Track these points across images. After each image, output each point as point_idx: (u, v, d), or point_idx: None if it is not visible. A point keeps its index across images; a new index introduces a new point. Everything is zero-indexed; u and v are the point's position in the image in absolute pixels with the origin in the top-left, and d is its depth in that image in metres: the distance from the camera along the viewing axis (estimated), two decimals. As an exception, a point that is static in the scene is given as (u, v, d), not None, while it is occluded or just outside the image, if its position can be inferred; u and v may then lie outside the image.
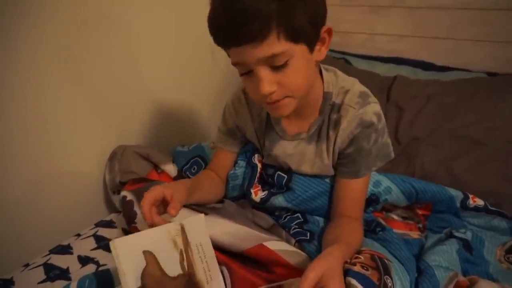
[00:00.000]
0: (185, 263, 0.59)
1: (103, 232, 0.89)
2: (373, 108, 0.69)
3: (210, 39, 0.60)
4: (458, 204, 0.85)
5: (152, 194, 0.62)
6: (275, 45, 0.56)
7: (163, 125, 1.21)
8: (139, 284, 0.53)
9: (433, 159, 1.02)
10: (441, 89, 1.16)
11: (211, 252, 0.64)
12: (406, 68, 1.32)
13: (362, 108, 0.69)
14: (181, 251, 0.59)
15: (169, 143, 1.20)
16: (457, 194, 0.85)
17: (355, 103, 0.70)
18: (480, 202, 0.85)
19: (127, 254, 0.53)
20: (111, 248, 0.53)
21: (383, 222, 0.78)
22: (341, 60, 1.42)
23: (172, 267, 0.57)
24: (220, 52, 0.65)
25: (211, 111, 1.43)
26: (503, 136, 1.01)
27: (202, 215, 0.64)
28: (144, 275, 0.54)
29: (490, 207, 0.85)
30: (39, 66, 0.83)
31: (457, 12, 1.23)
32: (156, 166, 1.02)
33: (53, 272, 0.76)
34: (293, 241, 0.72)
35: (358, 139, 0.70)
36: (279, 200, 0.80)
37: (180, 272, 0.58)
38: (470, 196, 0.85)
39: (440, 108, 1.12)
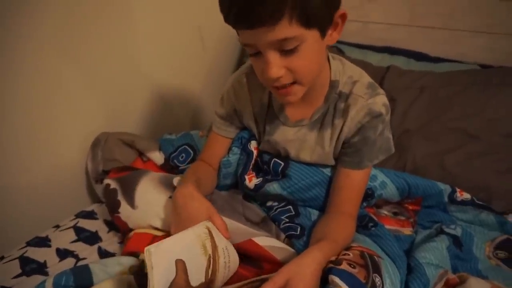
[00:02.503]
0: (210, 270, 0.56)
1: (84, 223, 0.85)
2: (382, 99, 0.69)
3: (198, 23, 0.57)
4: (446, 198, 0.85)
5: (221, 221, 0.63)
6: (287, 29, 0.54)
7: (149, 112, 1.17)
8: None
9: (425, 152, 1.01)
10: (435, 80, 1.15)
11: (235, 256, 0.62)
12: (399, 58, 1.31)
13: (372, 98, 0.68)
14: (209, 256, 0.57)
15: (156, 130, 1.16)
16: (445, 188, 0.86)
17: (364, 93, 0.69)
18: (467, 196, 0.85)
19: (160, 263, 0.50)
20: (146, 256, 0.49)
21: (375, 218, 0.77)
22: (334, 49, 1.39)
23: (197, 276, 0.55)
24: (209, 37, 0.62)
25: (200, 97, 1.39)
26: (497, 130, 1.00)
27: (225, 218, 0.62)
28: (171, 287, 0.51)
29: (477, 201, 0.85)
30: (30, 44, 0.78)
31: (455, 1, 1.21)
32: (141, 154, 0.98)
33: (30, 266, 0.72)
34: (282, 236, 0.70)
35: (365, 128, 0.69)
36: (274, 187, 0.77)
37: (203, 280, 0.55)
38: (457, 189, 0.86)
39: (434, 100, 1.10)
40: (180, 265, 0.52)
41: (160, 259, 0.50)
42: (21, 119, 0.81)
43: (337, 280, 0.51)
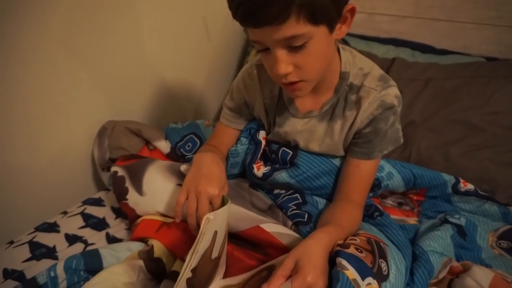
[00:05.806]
0: (222, 247, 0.58)
1: (91, 210, 0.86)
2: (394, 91, 0.70)
3: (203, 13, 0.57)
4: (449, 189, 0.86)
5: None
6: (294, 27, 0.54)
7: (153, 102, 1.18)
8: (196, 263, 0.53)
9: (430, 143, 1.01)
10: (441, 72, 1.15)
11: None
12: (404, 50, 1.31)
13: (384, 90, 0.69)
14: (225, 233, 0.59)
15: (160, 120, 1.17)
16: (450, 179, 0.86)
17: (376, 86, 0.69)
18: (470, 186, 0.86)
19: (209, 231, 0.52)
20: (204, 222, 0.51)
21: (380, 208, 0.77)
22: (339, 40, 1.38)
23: (217, 250, 0.57)
24: (214, 28, 0.62)
25: (204, 87, 1.39)
26: (501, 122, 1.01)
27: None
28: (203, 256, 0.53)
29: (480, 192, 0.85)
30: (36, 35, 0.79)
31: (461, -7, 1.20)
32: (148, 143, 0.99)
33: (39, 251, 0.73)
34: (289, 223, 0.71)
35: (377, 120, 0.70)
36: (282, 176, 0.78)
37: (216, 255, 0.57)
38: (461, 180, 0.86)
39: (439, 92, 1.10)
40: (214, 237, 0.54)
41: (210, 227, 0.52)
42: (28, 107, 0.82)
43: (344, 262, 0.51)
